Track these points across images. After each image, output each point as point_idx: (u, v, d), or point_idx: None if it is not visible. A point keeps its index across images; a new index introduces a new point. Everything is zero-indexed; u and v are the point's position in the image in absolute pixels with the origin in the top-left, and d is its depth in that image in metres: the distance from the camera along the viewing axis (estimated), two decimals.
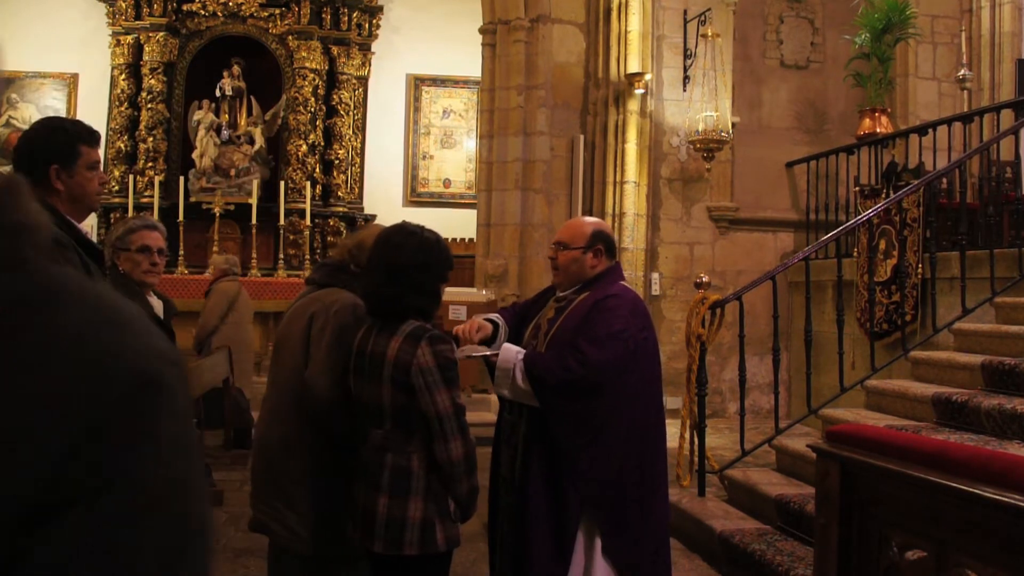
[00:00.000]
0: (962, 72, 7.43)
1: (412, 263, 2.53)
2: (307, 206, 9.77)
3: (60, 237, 2.34)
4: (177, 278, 9.10)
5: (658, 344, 3.04)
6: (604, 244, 2.99)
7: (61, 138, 2.42)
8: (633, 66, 7.55)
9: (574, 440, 2.79)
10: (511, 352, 2.85)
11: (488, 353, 2.85)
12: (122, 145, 10.01)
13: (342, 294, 2.83)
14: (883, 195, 6.19)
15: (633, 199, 7.58)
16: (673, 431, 4.47)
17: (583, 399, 2.78)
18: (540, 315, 3.07)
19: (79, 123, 2.50)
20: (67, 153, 2.41)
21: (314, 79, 10.22)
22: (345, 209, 10.37)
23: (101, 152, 3.44)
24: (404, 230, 2.62)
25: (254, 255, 9.62)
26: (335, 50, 10.41)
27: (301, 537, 2.73)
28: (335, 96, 10.46)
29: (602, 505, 2.80)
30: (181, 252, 9.55)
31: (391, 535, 2.45)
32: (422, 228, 2.63)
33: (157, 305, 3.10)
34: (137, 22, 10.04)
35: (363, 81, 10.88)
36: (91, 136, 2.48)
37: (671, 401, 6.28)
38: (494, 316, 3.17)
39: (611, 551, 2.79)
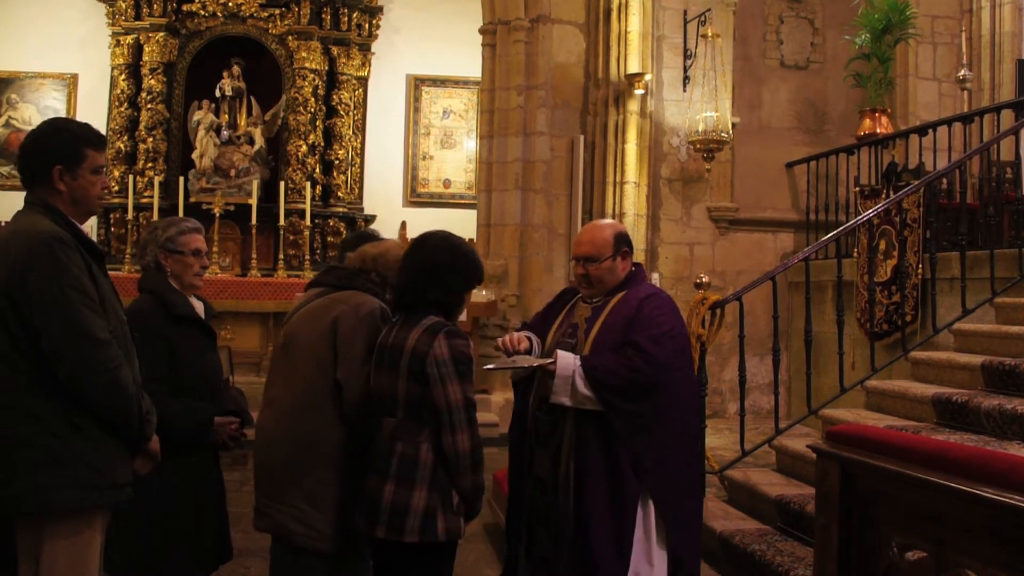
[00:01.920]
0: (962, 72, 7.42)
1: (443, 262, 2.67)
2: (307, 206, 9.75)
3: (63, 236, 2.34)
4: None
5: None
6: (627, 244, 3.06)
7: (67, 139, 2.42)
8: (633, 66, 7.55)
9: (637, 439, 2.82)
10: (569, 359, 2.85)
11: (547, 362, 2.86)
12: (122, 145, 9.99)
13: (366, 297, 2.83)
14: (883, 195, 6.19)
15: (633, 199, 7.58)
16: None
17: (647, 398, 2.82)
18: (570, 314, 3.08)
19: (87, 126, 2.49)
20: (72, 155, 2.41)
21: (314, 79, 10.20)
22: (345, 209, 10.35)
23: None
24: (438, 235, 2.80)
25: (254, 255, 9.61)
26: (335, 50, 10.39)
27: (326, 536, 2.71)
28: (335, 96, 10.43)
29: (668, 500, 2.85)
30: None
31: (394, 521, 2.51)
32: (459, 238, 2.82)
33: (198, 307, 3.09)
34: (137, 22, 10.00)
35: (363, 81, 10.85)
36: (98, 140, 2.48)
37: None
38: (527, 333, 3.17)
39: (673, 544, 2.85)
